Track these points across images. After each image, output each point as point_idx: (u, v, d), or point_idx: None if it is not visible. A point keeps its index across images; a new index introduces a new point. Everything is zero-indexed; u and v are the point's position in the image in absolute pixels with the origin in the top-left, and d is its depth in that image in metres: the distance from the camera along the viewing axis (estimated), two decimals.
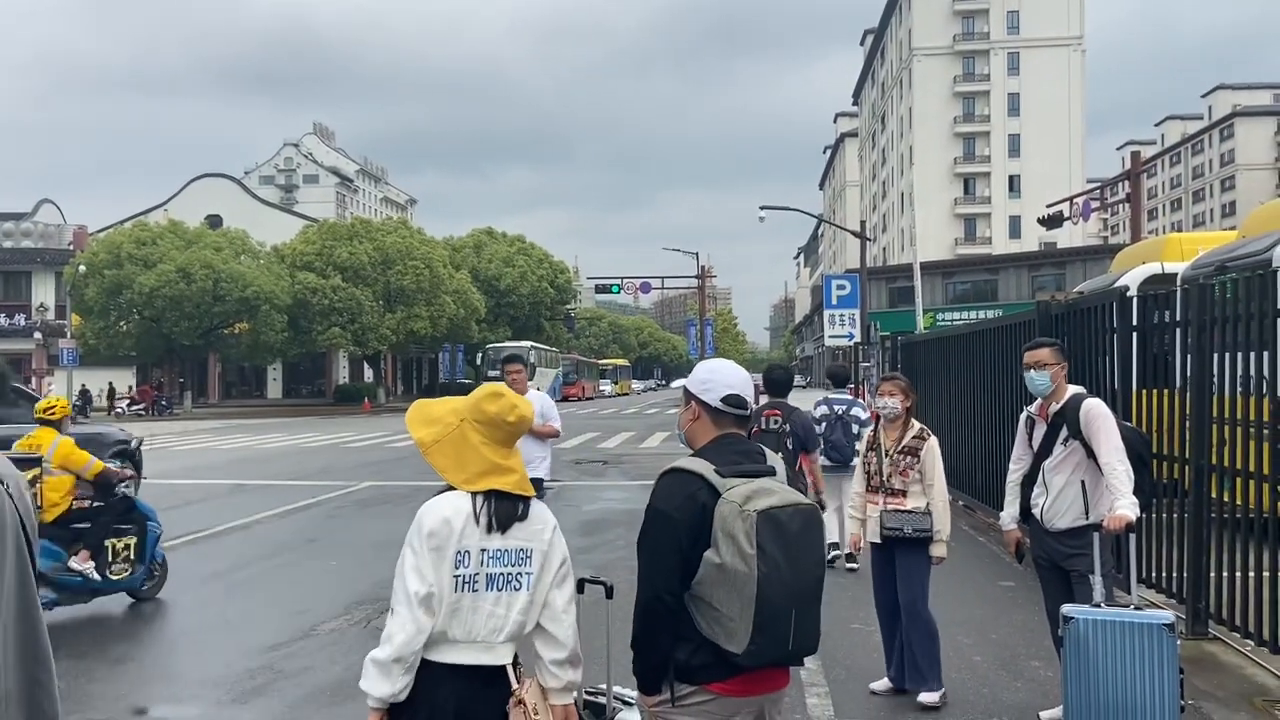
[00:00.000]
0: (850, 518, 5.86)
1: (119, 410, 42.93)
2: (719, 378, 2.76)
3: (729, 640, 2.49)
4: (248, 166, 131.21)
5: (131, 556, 7.44)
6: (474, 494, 2.59)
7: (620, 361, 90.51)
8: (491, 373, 39.94)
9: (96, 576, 7.18)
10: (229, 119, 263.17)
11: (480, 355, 48.40)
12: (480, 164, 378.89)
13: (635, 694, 2.93)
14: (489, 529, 2.57)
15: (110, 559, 7.30)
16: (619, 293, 50.83)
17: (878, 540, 5.39)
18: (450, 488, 2.63)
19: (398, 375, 62.42)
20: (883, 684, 5.43)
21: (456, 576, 2.53)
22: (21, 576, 2.75)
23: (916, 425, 5.47)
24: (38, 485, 6.92)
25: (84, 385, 43.00)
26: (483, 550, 2.56)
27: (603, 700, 3.32)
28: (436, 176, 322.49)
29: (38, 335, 43.89)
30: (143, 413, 42.40)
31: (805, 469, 7.21)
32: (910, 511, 5.28)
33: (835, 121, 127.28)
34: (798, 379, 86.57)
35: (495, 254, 60.50)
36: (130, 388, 47.22)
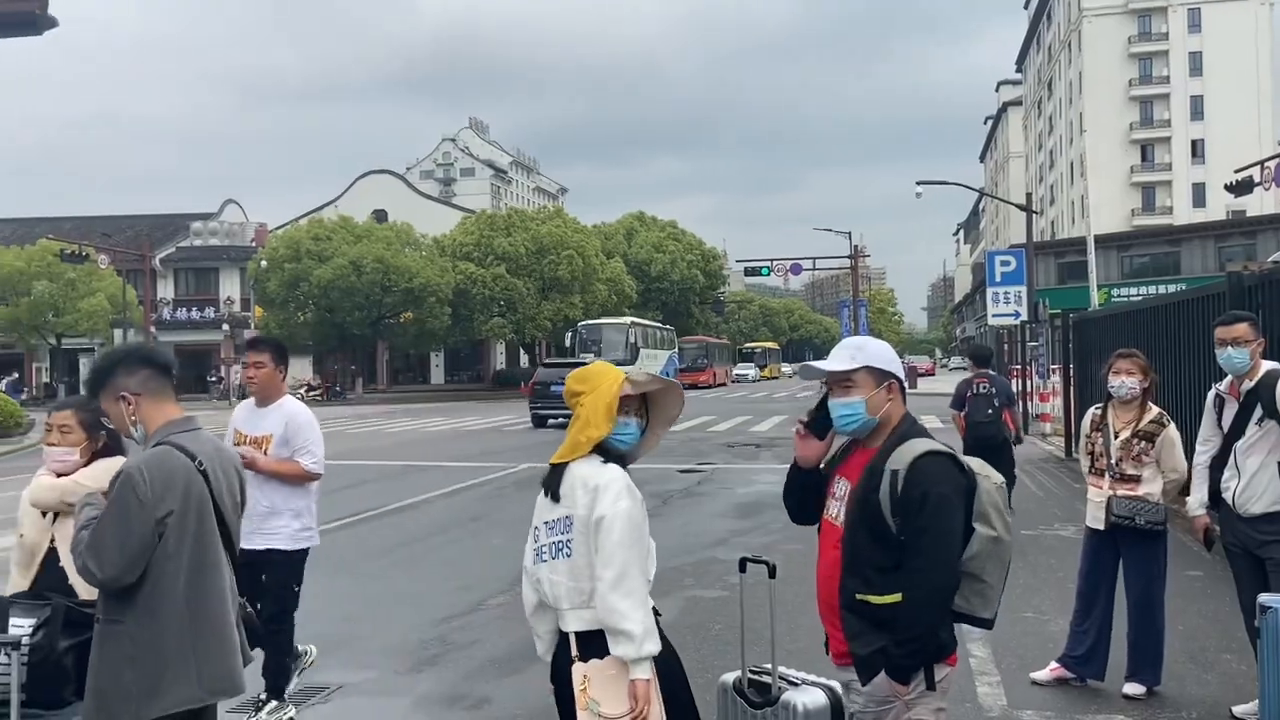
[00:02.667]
0: None
1: (298, 396, 45.59)
2: (894, 353, 2.85)
3: (985, 608, 2.69)
4: (409, 162, 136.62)
5: None
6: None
7: (768, 344, 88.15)
8: (585, 355, 35.81)
9: None
10: (393, 119, 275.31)
11: (571, 334, 41.14)
12: (627, 153, 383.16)
13: (804, 675, 2.92)
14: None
15: None
16: (768, 275, 50.02)
17: (1099, 526, 5.10)
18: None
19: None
20: (1045, 673, 5.20)
21: (533, 549, 2.86)
22: (201, 549, 2.96)
23: (1154, 409, 5.11)
24: None
25: None
26: (544, 522, 2.83)
27: (768, 679, 3.31)
28: (586, 167, 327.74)
29: (225, 327, 47.17)
30: (320, 398, 44.94)
31: (1008, 420, 9.03)
32: (1143, 500, 4.96)
33: (997, 90, 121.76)
34: (955, 360, 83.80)
35: (646, 240, 60.95)
36: (313, 375, 50.08)
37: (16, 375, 46.05)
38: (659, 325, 49.01)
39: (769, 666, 3.31)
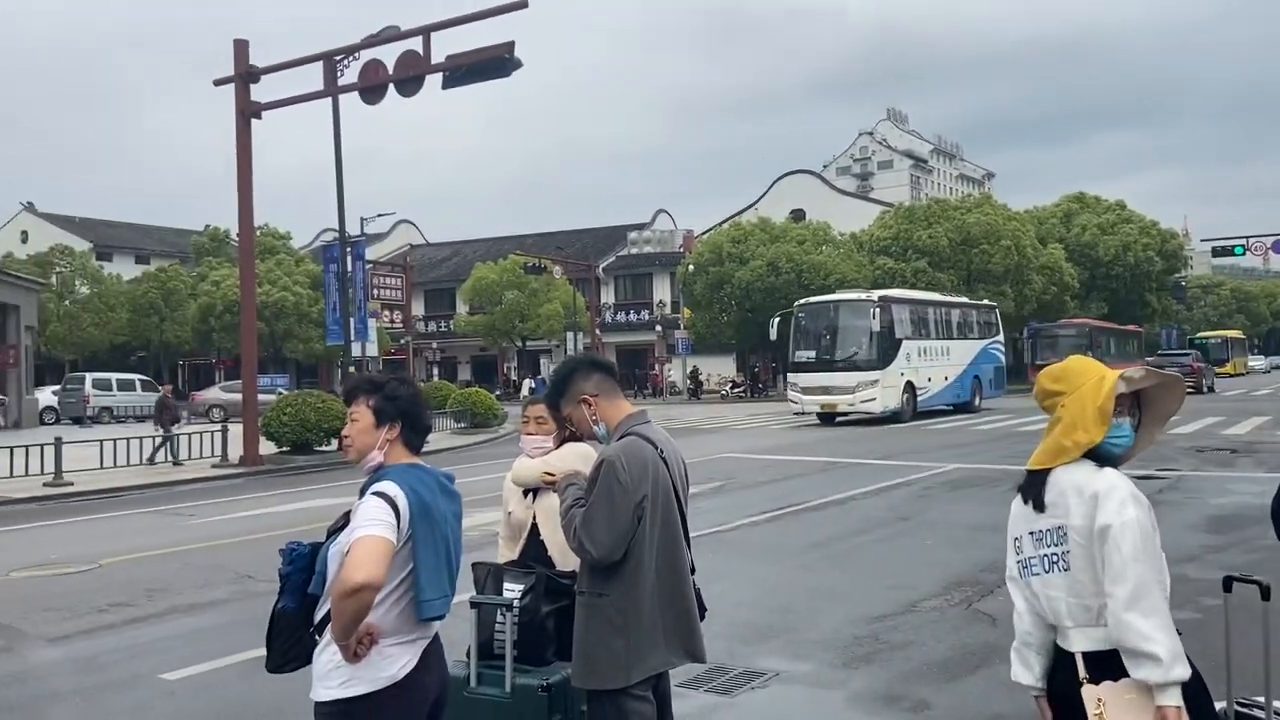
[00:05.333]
0: None
1: (723, 392, 47.88)
2: None
3: None
4: (825, 160, 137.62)
5: None
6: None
7: (1230, 333, 74.30)
8: (803, 352, 26.78)
9: None
10: (813, 122, 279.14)
11: (779, 321, 28.55)
12: (1062, 132, 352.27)
13: None
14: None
15: None
16: (1242, 254, 43.44)
17: None
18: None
19: None
20: None
21: (1017, 561, 2.66)
22: (667, 529, 3.24)
23: None
24: None
25: (694, 368, 48.61)
26: (1029, 532, 2.61)
27: (1259, 714, 2.90)
28: (1013, 151, 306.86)
29: (658, 328, 50.84)
30: (743, 394, 46.84)
31: None
32: None
33: None
34: None
35: (1087, 223, 55.80)
36: (737, 372, 52.32)
37: (541, 377, 52.72)
38: (958, 302, 32.55)
39: (1261, 699, 2.90)
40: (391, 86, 17.37)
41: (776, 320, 28.60)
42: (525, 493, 4.14)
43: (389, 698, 2.63)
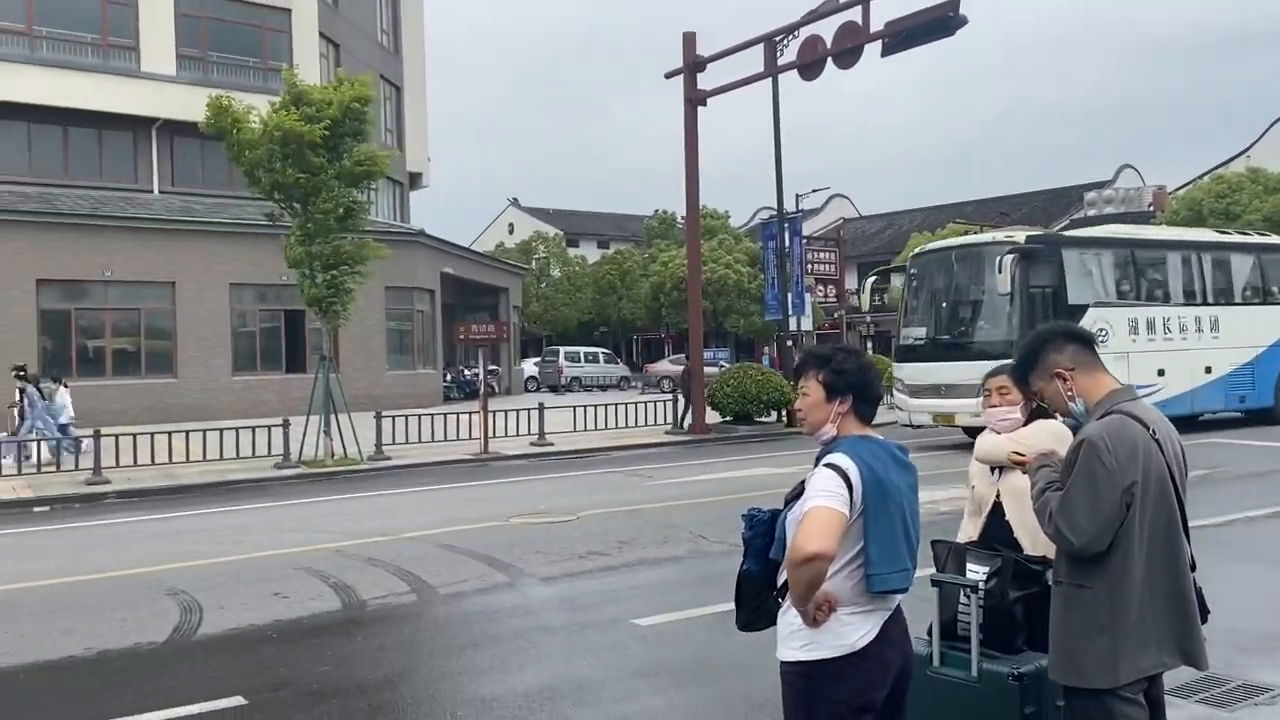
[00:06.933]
0: None
1: None
2: None
3: None
4: None
5: None
6: None
7: None
8: (911, 330, 17.94)
9: None
10: None
11: (874, 276, 22.09)
12: None
13: None
14: None
15: None
16: None
17: None
18: None
19: None
20: None
21: None
22: (1165, 526, 2.87)
23: None
24: None
25: None
26: None
27: None
28: None
29: None
30: None
31: None
32: None
33: None
34: None
35: None
36: None
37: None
38: (1237, 242, 19.97)
39: None
40: (830, 60, 17.42)
41: (871, 280, 20.92)
42: (991, 469, 3.93)
43: (850, 665, 2.65)
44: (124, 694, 5.41)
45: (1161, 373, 16.81)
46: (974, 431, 13.93)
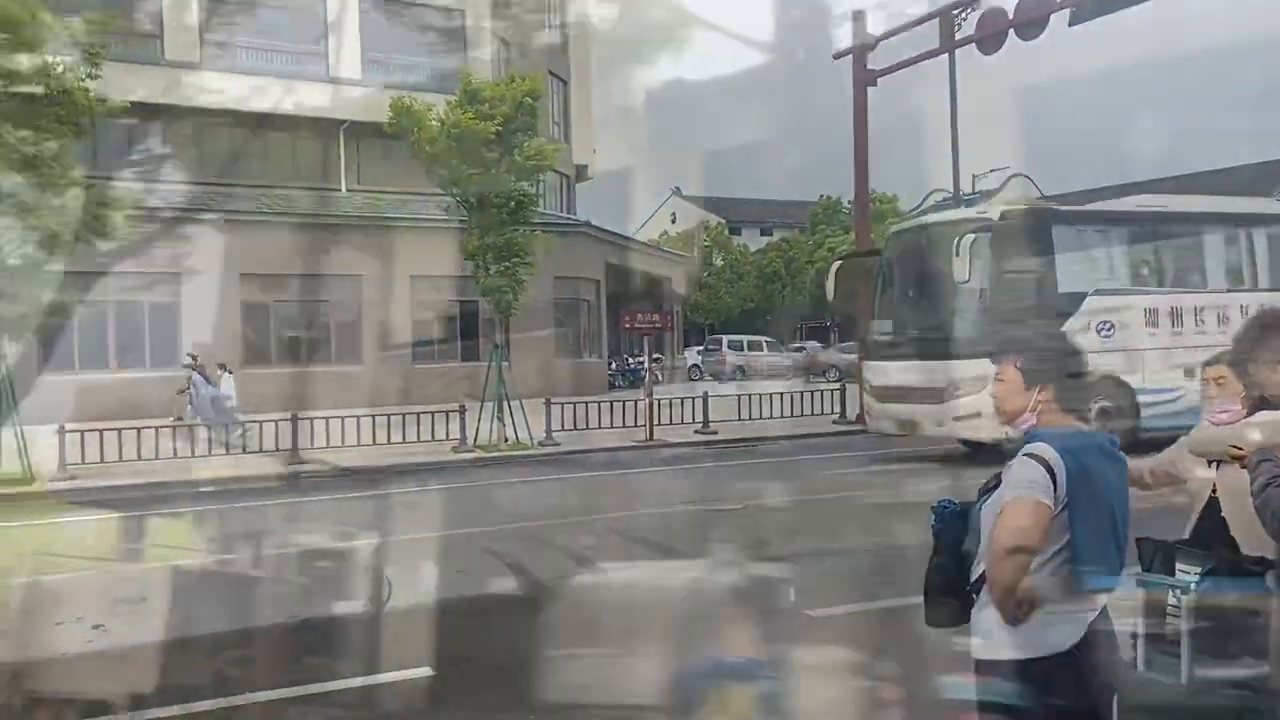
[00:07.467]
0: None
1: None
2: None
3: None
4: None
5: None
6: None
7: None
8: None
9: None
10: None
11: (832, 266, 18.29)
12: None
13: None
14: None
15: None
16: None
17: None
18: None
19: None
20: None
21: None
22: None
23: None
24: None
25: None
26: None
27: None
28: None
29: None
30: None
31: None
32: None
33: None
34: None
35: None
36: None
37: None
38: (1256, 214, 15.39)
39: None
40: (1012, 32, 16.66)
41: (836, 266, 17.12)
42: (1208, 462, 3.66)
43: (1055, 668, 2.51)
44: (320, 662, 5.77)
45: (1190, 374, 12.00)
46: (973, 442, 12.88)
